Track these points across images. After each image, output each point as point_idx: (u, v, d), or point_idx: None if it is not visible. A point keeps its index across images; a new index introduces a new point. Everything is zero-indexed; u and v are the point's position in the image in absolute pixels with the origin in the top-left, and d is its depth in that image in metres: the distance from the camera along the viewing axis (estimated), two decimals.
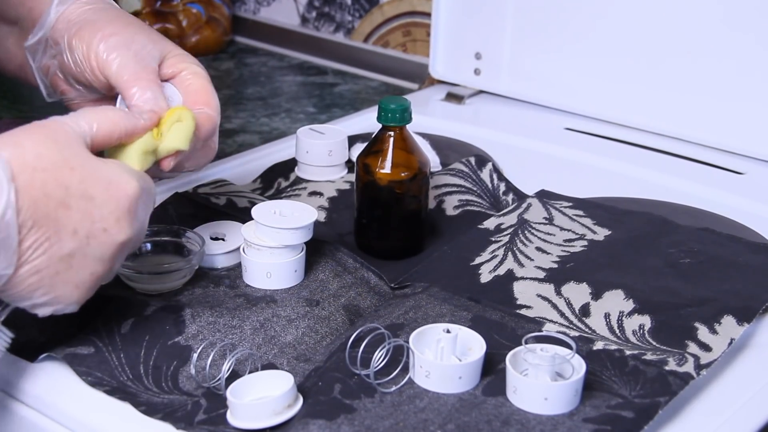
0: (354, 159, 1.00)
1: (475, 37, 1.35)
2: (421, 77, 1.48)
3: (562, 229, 0.99)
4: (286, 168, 1.10)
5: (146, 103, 0.80)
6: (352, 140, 1.13)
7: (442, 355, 0.76)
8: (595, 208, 1.03)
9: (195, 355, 0.78)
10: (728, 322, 0.84)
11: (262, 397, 0.73)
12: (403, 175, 0.95)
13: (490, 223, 1.00)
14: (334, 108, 1.46)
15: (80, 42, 0.83)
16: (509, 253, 0.94)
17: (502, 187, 1.08)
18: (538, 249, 0.95)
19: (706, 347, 0.81)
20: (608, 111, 1.27)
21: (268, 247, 0.87)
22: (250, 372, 0.77)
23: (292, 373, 0.76)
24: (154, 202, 0.78)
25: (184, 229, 0.90)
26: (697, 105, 1.20)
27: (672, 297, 0.87)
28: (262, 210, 0.88)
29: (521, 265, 0.92)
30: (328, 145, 1.08)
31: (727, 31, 1.16)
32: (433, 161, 1.12)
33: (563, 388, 0.73)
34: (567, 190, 1.07)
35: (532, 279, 0.90)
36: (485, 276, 0.91)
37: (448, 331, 0.77)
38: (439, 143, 1.18)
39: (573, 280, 0.89)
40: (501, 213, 1.02)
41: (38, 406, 0.78)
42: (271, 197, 1.05)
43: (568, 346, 0.75)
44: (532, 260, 0.93)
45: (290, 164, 1.11)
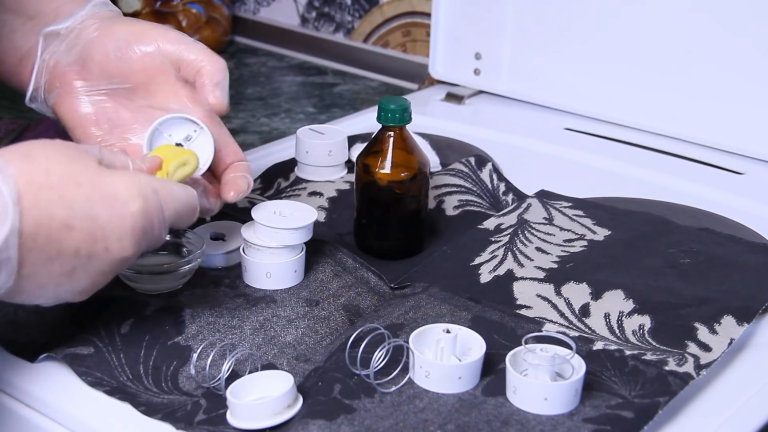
0: (354, 159, 1.00)
1: (475, 38, 1.35)
2: (421, 77, 1.48)
3: (561, 229, 0.99)
4: (285, 168, 1.10)
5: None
6: (352, 140, 1.13)
7: (442, 355, 0.76)
8: (594, 209, 1.03)
9: (195, 356, 0.78)
10: (728, 322, 0.84)
11: (261, 397, 0.73)
12: (402, 175, 0.95)
13: (489, 224, 1.00)
14: (333, 108, 1.46)
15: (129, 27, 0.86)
16: (509, 253, 0.94)
17: (502, 188, 1.08)
18: (538, 249, 0.95)
19: (705, 347, 0.81)
20: (608, 111, 1.27)
21: (268, 247, 0.87)
22: (249, 372, 0.77)
23: (291, 373, 0.76)
24: (177, 212, 0.76)
25: (183, 229, 0.90)
26: (697, 105, 1.20)
27: (672, 297, 0.87)
28: (262, 210, 0.88)
29: (521, 265, 0.92)
30: (328, 146, 1.08)
31: (727, 31, 1.16)
32: (433, 161, 1.12)
33: (563, 389, 0.73)
34: (567, 190, 1.07)
35: (531, 279, 0.90)
36: (485, 276, 0.91)
37: (448, 331, 0.77)
38: (439, 143, 1.18)
39: (573, 280, 0.89)
40: (501, 213, 1.02)
41: (38, 406, 0.77)
42: (270, 197, 1.05)
43: (568, 347, 0.75)
44: (532, 260, 0.93)
45: (290, 164, 1.11)
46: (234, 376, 0.76)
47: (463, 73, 1.37)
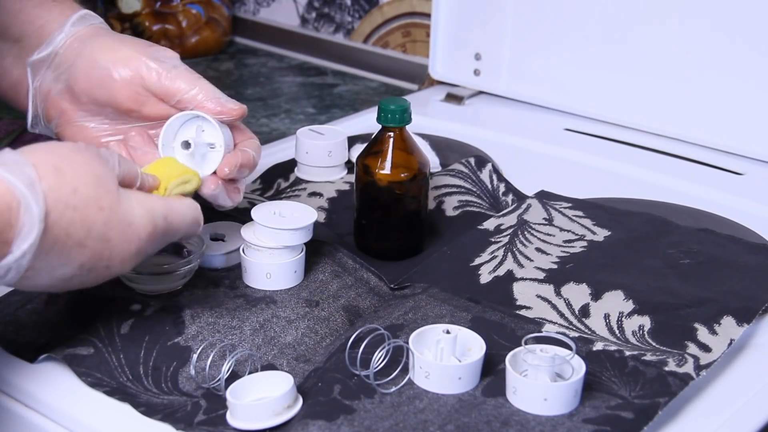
0: (354, 160, 1.00)
1: (475, 38, 1.35)
2: (421, 78, 1.48)
3: (561, 229, 0.99)
4: (285, 169, 1.10)
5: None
6: (352, 141, 1.13)
7: (442, 355, 0.76)
8: (594, 209, 1.03)
9: (195, 356, 0.78)
10: (728, 322, 0.84)
11: (261, 397, 0.73)
12: (402, 175, 0.95)
13: (489, 224, 1.00)
14: (333, 109, 1.46)
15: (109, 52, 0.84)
16: (509, 253, 0.94)
17: (502, 188, 1.08)
18: (538, 250, 0.95)
19: (705, 348, 0.81)
20: (608, 112, 1.27)
21: (268, 247, 0.87)
22: (249, 373, 0.77)
23: (291, 373, 0.76)
24: (182, 232, 0.78)
25: None
26: (697, 106, 1.20)
27: (671, 297, 0.87)
28: (262, 211, 0.88)
29: (521, 265, 0.92)
30: (328, 146, 1.08)
31: (727, 32, 1.17)
32: (433, 162, 1.12)
33: (563, 389, 0.73)
34: (567, 191, 1.07)
35: (531, 280, 0.90)
36: (485, 277, 0.91)
37: (448, 332, 0.77)
38: (439, 144, 1.18)
39: (573, 280, 0.89)
40: (501, 214, 1.02)
41: (38, 407, 0.77)
42: (270, 198, 1.05)
43: (568, 347, 0.75)
44: (532, 261, 0.93)
45: (290, 165, 1.11)
46: (234, 376, 0.76)
47: (463, 74, 1.37)
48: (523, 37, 1.31)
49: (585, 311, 0.85)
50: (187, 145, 0.84)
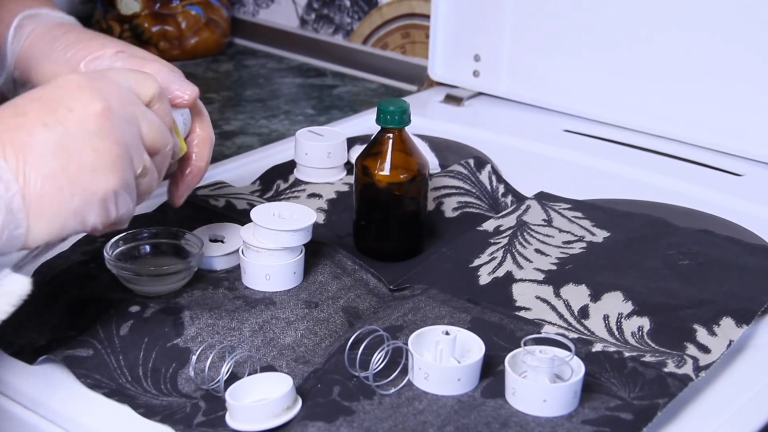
0: (353, 161, 1.00)
1: (474, 39, 1.35)
2: (420, 79, 1.48)
3: (561, 230, 0.99)
4: (285, 170, 1.10)
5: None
6: (351, 142, 1.13)
7: (441, 357, 0.76)
8: (594, 210, 1.03)
9: (194, 357, 0.78)
10: (727, 323, 0.84)
11: (261, 399, 0.73)
12: (402, 177, 0.95)
13: (489, 225, 1.00)
14: (333, 110, 1.46)
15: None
16: (508, 254, 0.94)
17: (501, 189, 1.08)
18: (537, 251, 0.95)
19: (705, 349, 0.81)
20: (607, 113, 1.27)
21: (267, 249, 0.87)
22: (249, 374, 0.77)
23: (291, 375, 0.76)
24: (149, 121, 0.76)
25: (183, 231, 0.90)
26: (696, 107, 1.20)
27: (671, 299, 0.87)
28: (261, 212, 0.88)
29: (520, 266, 0.92)
30: (327, 147, 1.08)
31: (726, 33, 1.17)
32: (432, 163, 1.12)
33: (562, 390, 0.73)
34: (566, 192, 1.07)
35: (531, 281, 0.90)
36: (484, 278, 0.91)
37: (447, 333, 0.77)
38: (438, 145, 1.18)
39: (572, 281, 0.89)
40: (500, 215, 1.02)
41: (37, 408, 0.77)
42: (270, 199, 1.05)
43: (567, 348, 0.75)
44: (531, 262, 0.93)
45: (289, 166, 1.11)
46: (233, 378, 0.76)
47: (462, 75, 1.37)
48: (522, 38, 1.31)
49: (584, 312, 0.85)
50: None
